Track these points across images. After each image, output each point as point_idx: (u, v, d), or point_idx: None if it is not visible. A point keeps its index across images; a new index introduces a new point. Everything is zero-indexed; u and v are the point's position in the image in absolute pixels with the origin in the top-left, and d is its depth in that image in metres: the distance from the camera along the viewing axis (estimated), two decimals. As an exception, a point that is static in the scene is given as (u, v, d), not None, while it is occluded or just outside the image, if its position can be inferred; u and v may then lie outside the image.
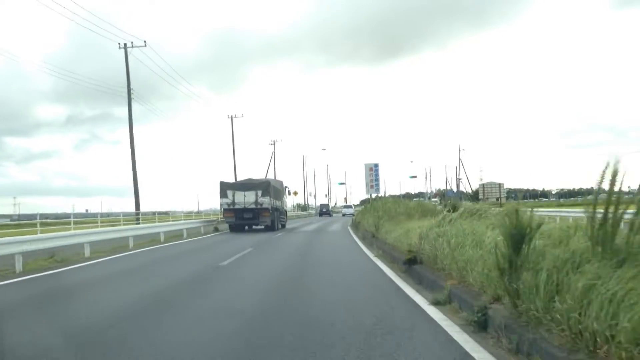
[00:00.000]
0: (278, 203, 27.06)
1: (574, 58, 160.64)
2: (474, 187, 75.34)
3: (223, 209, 24.99)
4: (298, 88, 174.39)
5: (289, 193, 33.86)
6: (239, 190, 24.48)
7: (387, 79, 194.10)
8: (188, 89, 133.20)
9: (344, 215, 59.69)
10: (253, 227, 25.83)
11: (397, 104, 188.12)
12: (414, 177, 70.18)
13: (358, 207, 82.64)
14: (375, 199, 29.46)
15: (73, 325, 5.18)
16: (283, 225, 28.94)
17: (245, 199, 24.08)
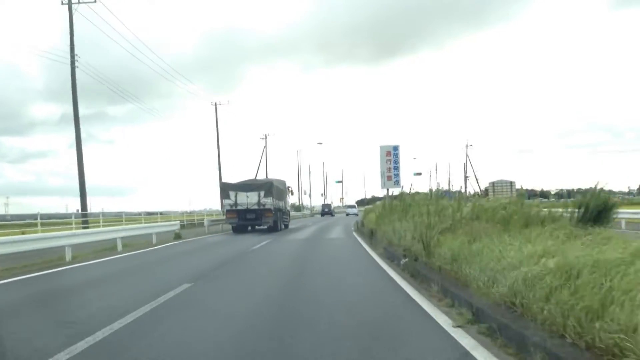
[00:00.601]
0: (281, 203, 26.79)
1: (573, 58, 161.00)
2: (481, 185, 74.55)
3: (225, 210, 24.68)
4: (296, 88, 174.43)
5: (292, 193, 33.84)
6: (242, 191, 24.06)
7: (385, 79, 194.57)
8: (184, 88, 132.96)
9: (348, 215, 62.28)
10: (256, 227, 25.61)
11: (396, 104, 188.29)
12: (419, 174, 66.01)
13: (360, 207, 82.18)
14: (400, 195, 18.66)
15: None
16: (286, 226, 28.64)
17: (248, 200, 23.74)
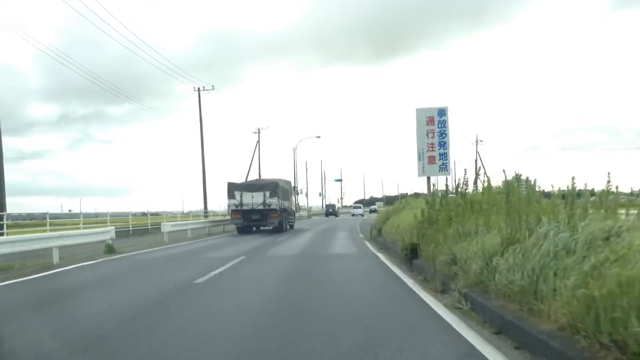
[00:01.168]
0: (286, 204, 26.70)
1: (572, 58, 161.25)
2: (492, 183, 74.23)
3: (231, 210, 24.63)
4: (294, 87, 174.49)
5: (298, 193, 34.11)
6: (247, 191, 24.11)
7: (384, 79, 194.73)
8: (182, 88, 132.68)
9: (354, 216, 61.33)
10: (261, 228, 25.63)
11: (395, 104, 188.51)
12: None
13: (366, 208, 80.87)
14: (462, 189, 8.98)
15: None
16: (291, 226, 28.60)
17: (253, 200, 23.76)
